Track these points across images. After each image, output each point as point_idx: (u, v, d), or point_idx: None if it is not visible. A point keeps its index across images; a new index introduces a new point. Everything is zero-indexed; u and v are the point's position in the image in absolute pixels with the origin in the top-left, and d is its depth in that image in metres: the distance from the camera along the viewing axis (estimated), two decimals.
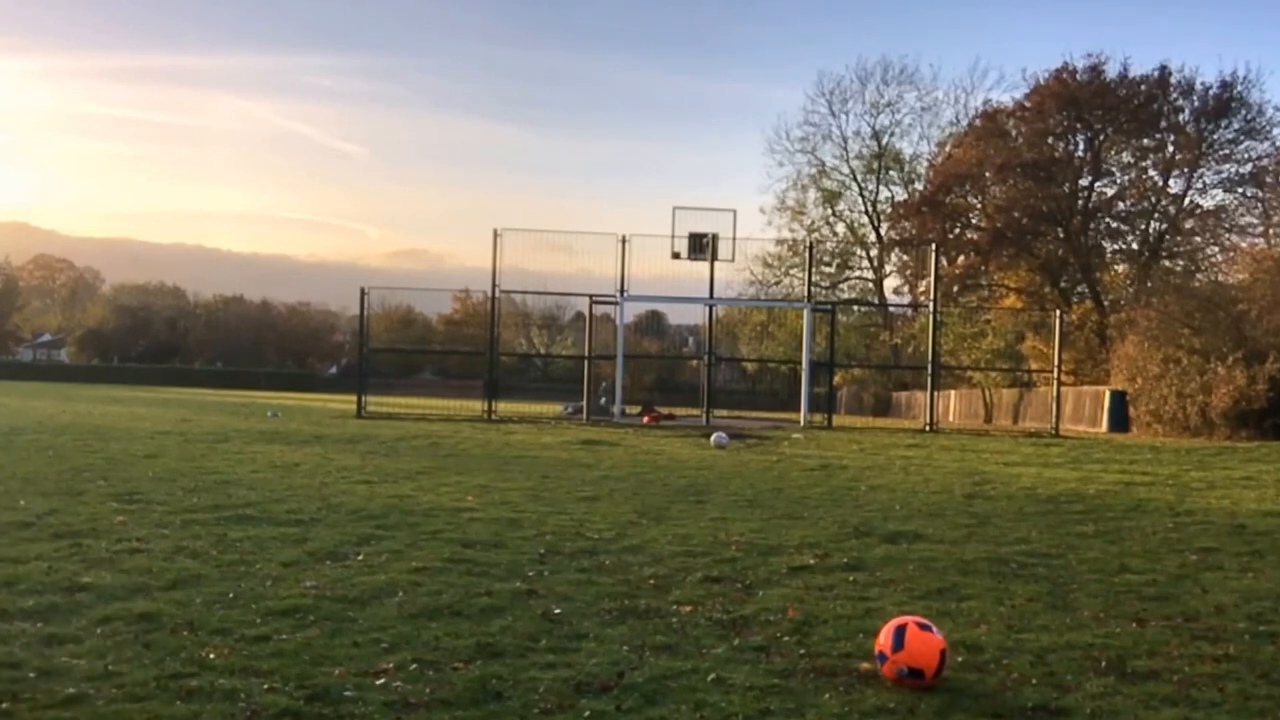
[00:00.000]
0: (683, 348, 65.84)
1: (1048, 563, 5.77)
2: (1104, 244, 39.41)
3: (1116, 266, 39.68)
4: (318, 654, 3.63)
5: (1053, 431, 23.00)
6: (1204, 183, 37.53)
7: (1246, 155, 36.36)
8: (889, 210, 49.76)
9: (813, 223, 51.85)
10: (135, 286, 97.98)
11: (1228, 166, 36.72)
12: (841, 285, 51.24)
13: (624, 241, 23.68)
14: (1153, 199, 38.10)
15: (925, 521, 7.31)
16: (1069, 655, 3.86)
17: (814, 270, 34.20)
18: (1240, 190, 36.81)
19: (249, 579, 4.81)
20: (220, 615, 4.12)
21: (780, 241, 49.43)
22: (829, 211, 52.44)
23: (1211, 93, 35.54)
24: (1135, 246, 38.59)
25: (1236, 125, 35.98)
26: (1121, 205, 38.67)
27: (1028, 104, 37.90)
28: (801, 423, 23.55)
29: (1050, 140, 37.72)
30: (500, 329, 27.02)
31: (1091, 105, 36.13)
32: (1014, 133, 38.90)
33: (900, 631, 3.48)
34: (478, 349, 29.84)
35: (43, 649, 3.62)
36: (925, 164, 48.83)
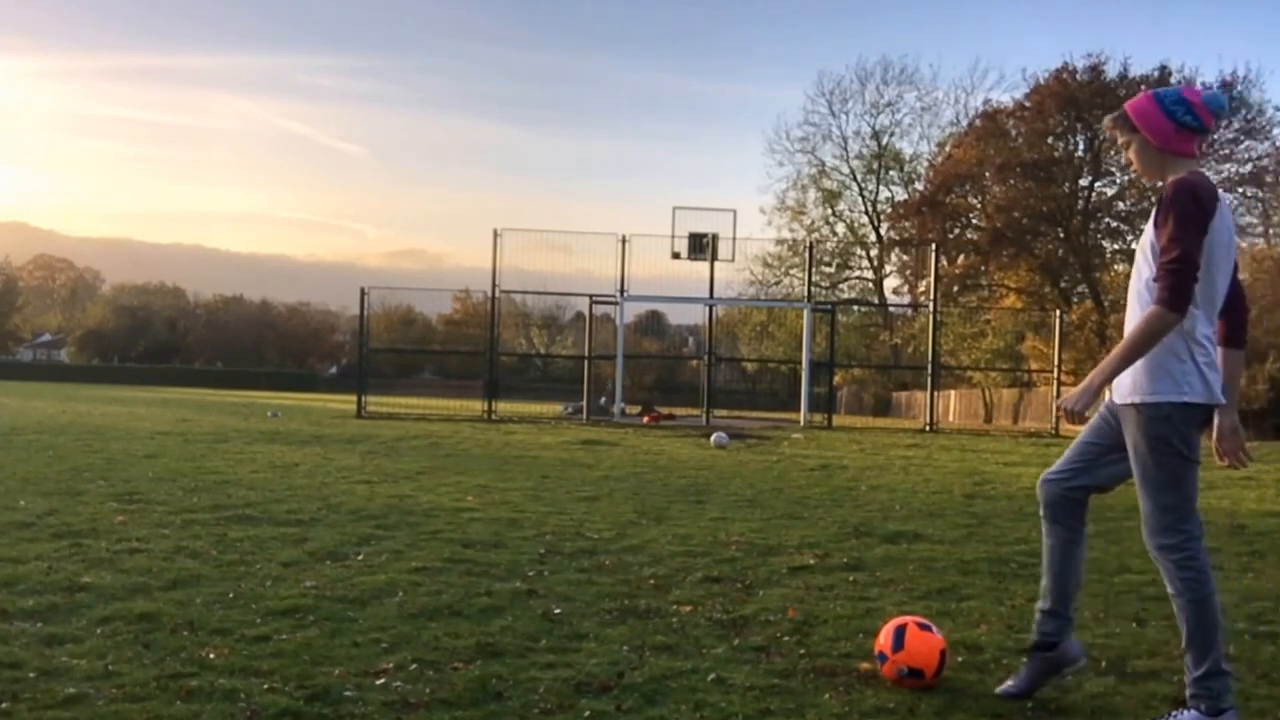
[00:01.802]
0: (683, 348, 65.80)
1: None
2: (1104, 244, 39.46)
3: (1116, 266, 39.68)
4: (318, 654, 3.63)
5: (1053, 431, 23.00)
6: None
7: (1246, 155, 36.37)
8: (889, 210, 49.80)
9: (813, 223, 51.91)
10: (135, 286, 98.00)
11: (1228, 166, 36.74)
12: (841, 285, 51.28)
13: (624, 241, 23.69)
14: (1153, 199, 38.07)
15: (925, 521, 7.31)
16: None
17: (814, 270, 34.20)
18: (1240, 190, 36.83)
19: (249, 579, 4.81)
20: (220, 615, 4.12)
21: (780, 241, 49.46)
22: (829, 211, 52.51)
23: None
24: (1135, 246, 38.60)
25: (1236, 125, 35.98)
26: (1121, 205, 38.70)
27: (1028, 104, 37.94)
28: (801, 423, 23.55)
29: (1050, 140, 37.75)
30: (500, 329, 27.03)
31: (1091, 105, 36.13)
32: (1014, 133, 38.92)
33: (900, 631, 3.48)
34: (478, 349, 29.83)
35: (43, 649, 3.61)
36: (925, 164, 48.88)
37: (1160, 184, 3.24)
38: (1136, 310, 3.18)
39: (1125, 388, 3.19)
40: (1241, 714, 3.25)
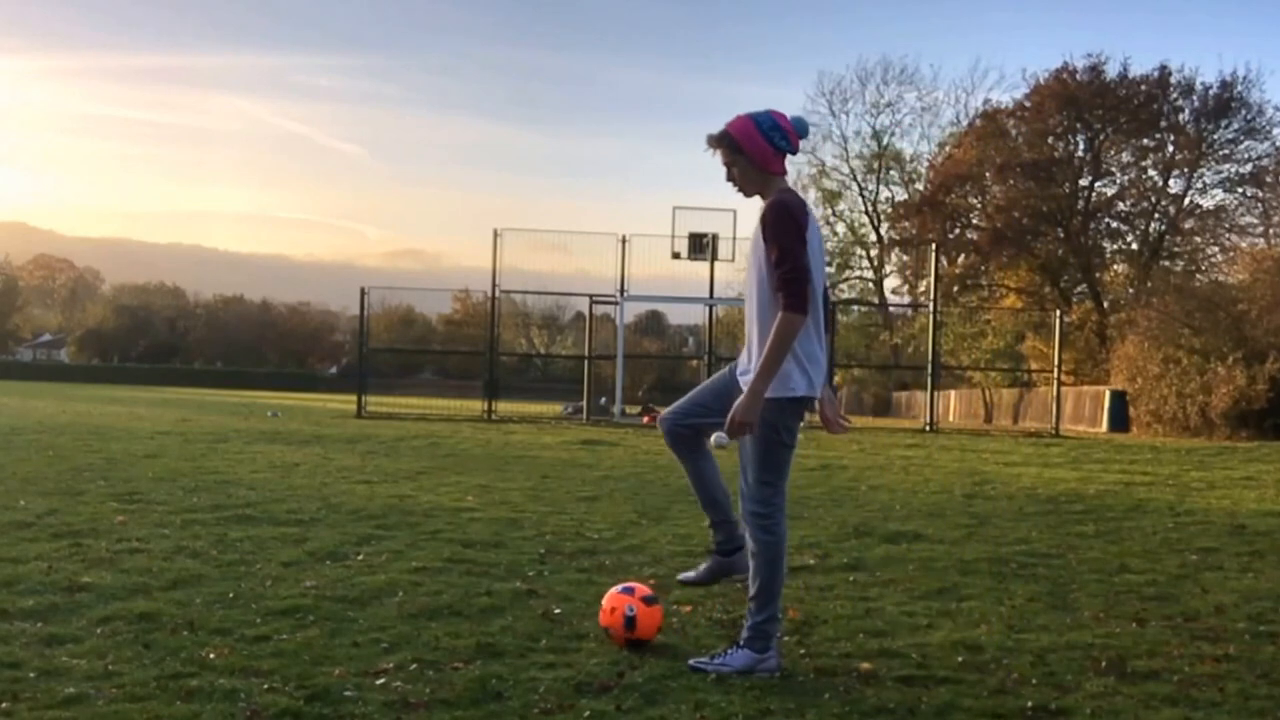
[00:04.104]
0: (683, 348, 65.75)
1: (1048, 563, 5.77)
2: (1104, 244, 39.44)
3: (1116, 266, 39.67)
4: (318, 654, 3.63)
5: (1053, 431, 23.00)
6: (1204, 183, 37.56)
7: (1246, 155, 36.38)
8: (889, 210, 49.78)
9: None
10: (135, 286, 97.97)
11: (1228, 166, 36.75)
12: (841, 285, 51.21)
13: (624, 241, 23.68)
14: (1153, 199, 38.09)
15: (925, 521, 7.31)
16: (1069, 655, 3.86)
17: None
18: (1240, 190, 36.84)
19: (249, 579, 4.81)
20: (220, 615, 4.12)
21: None
22: (829, 211, 52.42)
23: (1211, 93, 35.54)
24: (1135, 246, 38.59)
25: (1236, 125, 35.98)
26: (1121, 205, 38.69)
27: (1028, 104, 37.94)
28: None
29: (1050, 140, 37.74)
30: (500, 329, 27.02)
31: (1091, 105, 36.14)
32: (1014, 133, 38.92)
33: (631, 621, 3.79)
34: (478, 349, 29.83)
35: (43, 649, 3.62)
36: (925, 164, 48.84)
37: (761, 200, 3.66)
38: (753, 309, 3.66)
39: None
40: (1241, 714, 3.26)
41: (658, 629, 3.87)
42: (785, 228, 3.51)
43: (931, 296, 26.21)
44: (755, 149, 3.58)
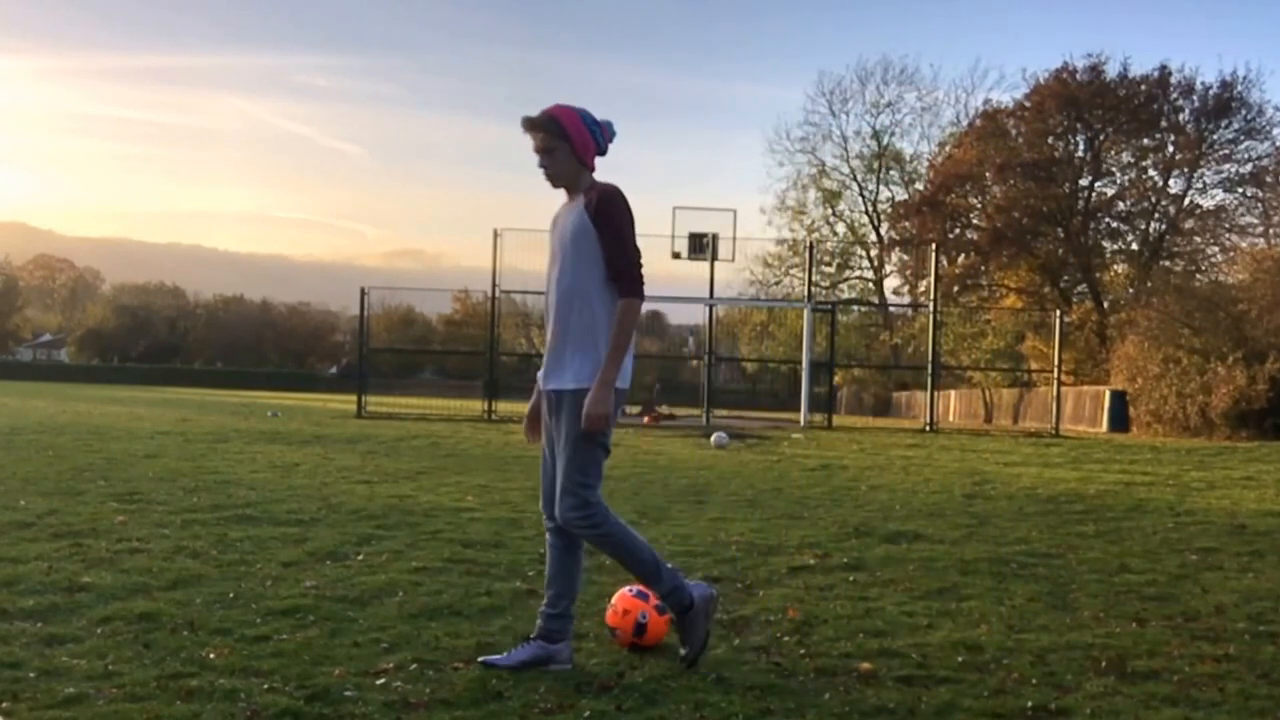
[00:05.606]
0: (683, 348, 65.74)
1: (1048, 563, 5.77)
2: (1104, 244, 39.44)
3: (1116, 266, 39.67)
4: (318, 654, 3.63)
5: (1053, 431, 22.99)
6: (1204, 183, 37.56)
7: (1246, 155, 36.38)
8: (889, 210, 49.79)
9: (813, 223, 51.89)
10: (135, 286, 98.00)
11: (1228, 166, 36.75)
12: (841, 285, 51.26)
13: None
14: (1153, 199, 38.09)
15: (925, 521, 7.31)
16: (1069, 655, 3.86)
17: (814, 270, 34.14)
18: (1240, 190, 36.85)
19: (249, 579, 4.81)
20: (220, 615, 4.12)
21: (780, 241, 49.43)
22: (829, 211, 52.50)
23: (1211, 93, 35.54)
24: (1135, 246, 38.59)
25: (1236, 125, 35.98)
26: (1121, 205, 38.69)
27: (1028, 104, 37.92)
28: (801, 423, 23.54)
29: (1050, 140, 37.73)
30: (500, 329, 27.01)
31: (1091, 105, 36.13)
32: (1014, 133, 38.91)
33: (641, 628, 3.80)
34: (478, 349, 29.83)
35: (43, 649, 3.62)
36: (925, 164, 48.84)
37: (568, 193, 3.67)
38: (567, 305, 3.59)
39: (566, 376, 3.56)
40: (1241, 714, 3.26)
41: (663, 637, 3.88)
42: (624, 215, 3.58)
43: (931, 296, 26.20)
44: (581, 139, 3.60)
